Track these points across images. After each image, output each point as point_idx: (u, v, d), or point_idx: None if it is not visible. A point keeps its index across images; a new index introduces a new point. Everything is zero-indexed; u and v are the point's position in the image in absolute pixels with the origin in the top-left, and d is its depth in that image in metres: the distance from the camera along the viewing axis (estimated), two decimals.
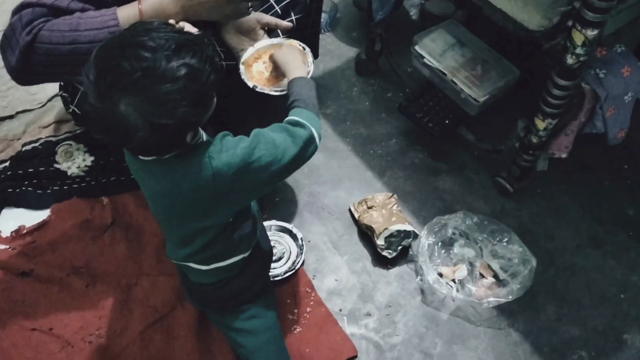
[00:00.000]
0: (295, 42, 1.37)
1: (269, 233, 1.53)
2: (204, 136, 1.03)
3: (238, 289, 1.22)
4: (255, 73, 1.33)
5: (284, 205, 1.63)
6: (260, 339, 1.25)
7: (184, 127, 0.91)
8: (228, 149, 0.97)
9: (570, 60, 1.26)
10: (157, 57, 0.85)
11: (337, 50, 2.03)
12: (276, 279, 1.45)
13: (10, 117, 1.78)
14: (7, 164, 1.66)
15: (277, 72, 1.29)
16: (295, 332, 1.39)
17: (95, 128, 0.90)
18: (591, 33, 1.18)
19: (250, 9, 1.29)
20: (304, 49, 1.35)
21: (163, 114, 0.86)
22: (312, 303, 1.44)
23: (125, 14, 1.17)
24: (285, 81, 1.32)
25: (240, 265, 1.19)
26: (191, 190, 0.98)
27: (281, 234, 1.55)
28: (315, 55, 1.69)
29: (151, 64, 0.84)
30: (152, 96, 0.85)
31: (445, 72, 1.64)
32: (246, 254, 1.19)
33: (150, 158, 0.97)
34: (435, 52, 1.67)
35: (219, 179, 0.96)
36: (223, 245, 1.13)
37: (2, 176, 1.62)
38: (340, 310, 1.44)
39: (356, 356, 1.36)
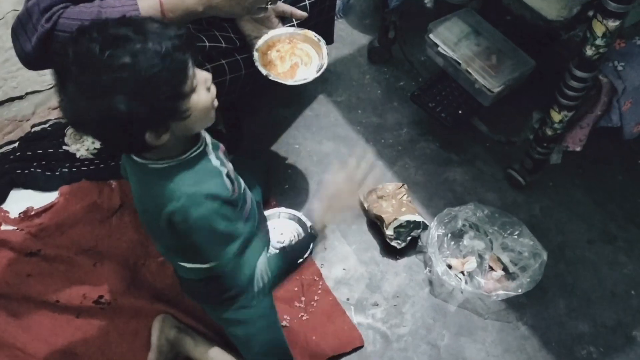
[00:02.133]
0: (310, 33, 1.36)
1: (277, 220, 1.52)
2: (210, 148, 1.01)
3: (224, 287, 1.19)
4: (268, 61, 1.33)
5: (293, 193, 1.62)
6: (253, 328, 1.22)
7: (122, 122, 0.85)
8: (202, 210, 0.94)
9: (589, 51, 1.23)
10: (92, 45, 0.82)
11: (350, 37, 2.00)
12: None
13: (20, 97, 1.77)
14: (16, 144, 1.65)
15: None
16: (303, 320, 1.38)
17: None
18: (612, 24, 1.16)
19: (270, 4, 1.27)
20: (318, 40, 1.34)
21: (92, 105, 0.84)
22: (320, 291, 1.43)
23: (146, 5, 1.13)
24: (299, 73, 1.31)
25: None
26: (146, 211, 0.98)
27: (290, 221, 1.54)
28: (330, 41, 1.67)
29: (83, 50, 0.82)
30: (81, 84, 0.83)
31: (460, 61, 1.62)
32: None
33: (137, 159, 0.96)
34: (449, 40, 1.65)
35: (173, 221, 0.95)
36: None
37: (11, 157, 1.62)
38: (348, 299, 1.43)
39: (363, 346, 1.36)
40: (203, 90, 0.93)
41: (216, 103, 0.98)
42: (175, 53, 0.85)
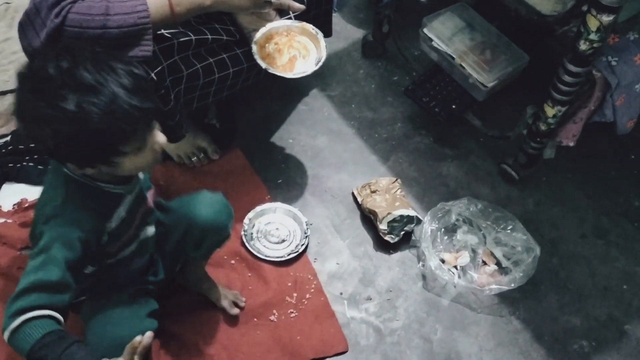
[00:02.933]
0: (308, 26, 1.36)
1: (273, 215, 1.53)
2: (130, 199, 1.04)
3: None
4: (266, 53, 1.33)
5: (287, 187, 1.61)
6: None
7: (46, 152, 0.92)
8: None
9: (583, 46, 1.23)
10: (53, 75, 0.84)
11: (344, 32, 2.00)
12: (280, 259, 1.45)
13: (12, 91, 1.75)
14: (7, 138, 1.64)
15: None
16: (291, 316, 1.38)
17: None
18: (606, 19, 1.16)
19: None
20: (316, 33, 1.34)
21: (30, 118, 0.88)
22: (312, 290, 1.42)
23: (154, 1, 1.13)
24: (298, 66, 1.31)
25: None
26: None
27: (286, 217, 1.54)
28: (329, 33, 1.67)
29: (44, 75, 0.85)
30: (27, 97, 0.87)
31: (454, 55, 1.61)
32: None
33: None
34: (444, 35, 1.65)
35: None
36: None
37: (3, 151, 1.61)
38: (341, 293, 1.43)
39: (346, 352, 1.34)
40: (149, 152, 0.94)
41: (156, 162, 0.99)
42: (127, 119, 0.86)
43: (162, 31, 1.25)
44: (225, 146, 1.66)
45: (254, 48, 1.31)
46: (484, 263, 1.47)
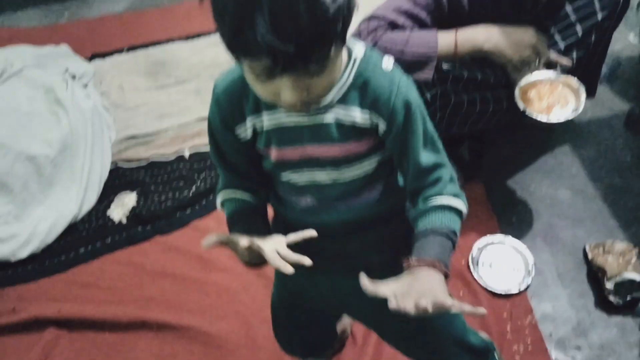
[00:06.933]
0: (572, 80, 1.46)
1: (501, 247, 1.64)
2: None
3: None
4: (527, 98, 1.48)
5: (519, 226, 1.71)
6: None
7: None
8: None
9: None
10: None
11: (609, 102, 2.03)
12: (501, 292, 1.55)
13: None
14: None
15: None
16: (503, 347, 1.45)
17: None
18: None
19: (539, 64, 1.45)
20: (578, 87, 1.44)
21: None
22: (527, 325, 1.49)
23: (443, 40, 1.40)
24: (554, 112, 1.43)
25: None
26: None
27: (513, 251, 1.64)
28: (593, 93, 1.72)
29: None
30: None
31: None
32: None
33: None
34: None
35: None
36: None
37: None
38: (551, 334, 1.48)
39: None
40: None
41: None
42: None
43: (443, 64, 1.50)
44: (468, 178, 1.83)
45: (517, 92, 1.46)
46: None
